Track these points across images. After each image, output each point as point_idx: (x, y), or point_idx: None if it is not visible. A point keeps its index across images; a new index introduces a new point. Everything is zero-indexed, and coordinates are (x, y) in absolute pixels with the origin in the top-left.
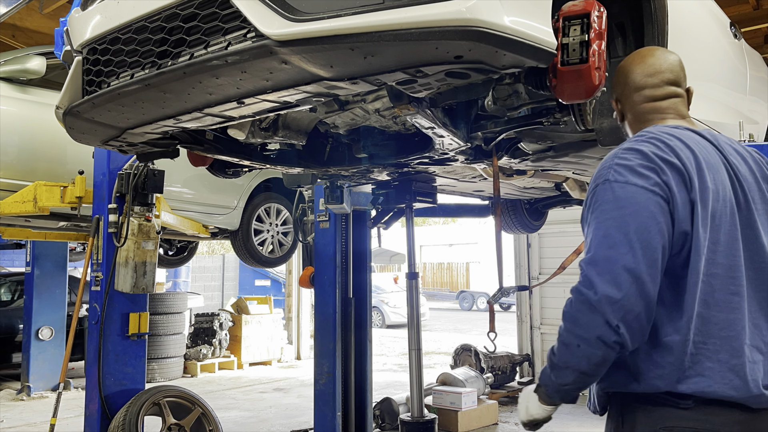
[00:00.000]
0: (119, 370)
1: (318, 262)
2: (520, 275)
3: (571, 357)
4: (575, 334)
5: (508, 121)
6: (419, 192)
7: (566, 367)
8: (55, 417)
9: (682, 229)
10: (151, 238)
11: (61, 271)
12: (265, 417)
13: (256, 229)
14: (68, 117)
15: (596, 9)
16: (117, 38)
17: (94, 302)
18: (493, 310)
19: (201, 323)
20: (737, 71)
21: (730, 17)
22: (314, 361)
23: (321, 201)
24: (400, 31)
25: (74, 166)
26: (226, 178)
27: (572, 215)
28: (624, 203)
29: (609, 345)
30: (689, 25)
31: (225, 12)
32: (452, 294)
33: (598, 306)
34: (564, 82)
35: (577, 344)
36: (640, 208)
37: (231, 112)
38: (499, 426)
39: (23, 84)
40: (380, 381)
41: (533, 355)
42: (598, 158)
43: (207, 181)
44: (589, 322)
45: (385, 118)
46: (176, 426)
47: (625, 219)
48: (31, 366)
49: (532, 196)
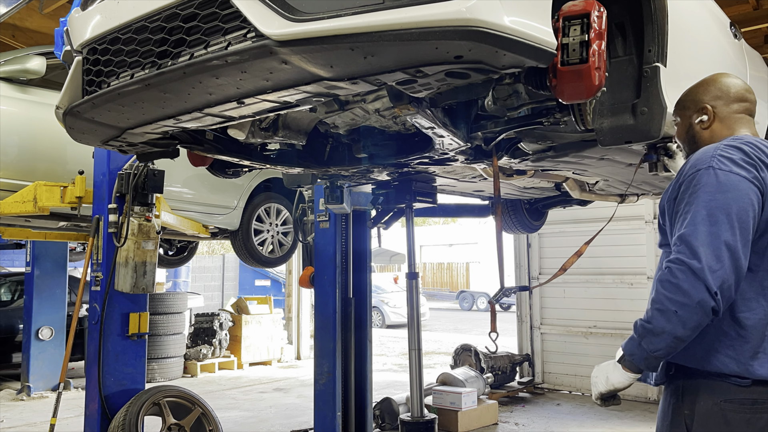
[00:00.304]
0: (119, 370)
1: (318, 262)
2: (520, 275)
3: (667, 323)
4: (675, 301)
5: (508, 121)
6: (419, 192)
7: (662, 332)
8: (55, 417)
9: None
10: (151, 238)
11: (61, 271)
12: (265, 417)
13: (256, 229)
14: (68, 117)
15: (596, 9)
16: (117, 38)
17: (94, 302)
18: (494, 310)
19: (201, 323)
20: (737, 71)
21: (730, 17)
22: (314, 361)
23: (321, 201)
24: (400, 31)
25: (74, 166)
26: (226, 178)
27: (572, 215)
28: (728, 188)
29: (706, 310)
30: (689, 25)
31: (225, 12)
32: (452, 294)
33: (700, 274)
34: (564, 82)
35: (675, 310)
36: (741, 194)
37: (231, 112)
38: (499, 426)
39: (23, 84)
40: (380, 381)
41: (533, 355)
42: (597, 158)
43: (207, 181)
44: (690, 288)
45: (385, 118)
46: (176, 426)
47: (728, 202)
48: (31, 366)
49: (532, 196)
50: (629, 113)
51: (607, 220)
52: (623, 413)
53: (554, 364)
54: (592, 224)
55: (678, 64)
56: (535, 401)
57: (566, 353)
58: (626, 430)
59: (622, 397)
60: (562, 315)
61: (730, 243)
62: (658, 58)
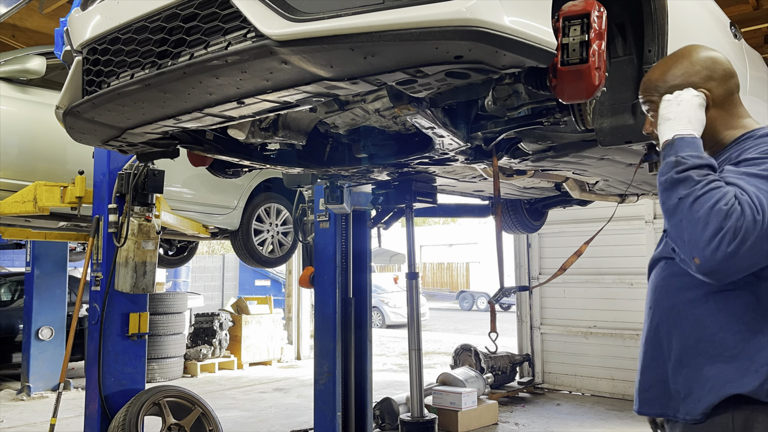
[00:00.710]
0: (119, 370)
1: (318, 262)
2: (520, 275)
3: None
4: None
5: (508, 121)
6: (419, 192)
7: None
8: (55, 417)
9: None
10: (151, 238)
11: (61, 271)
12: (265, 417)
13: (256, 229)
14: (68, 117)
15: (596, 9)
16: (117, 38)
17: (94, 302)
18: (494, 310)
19: (201, 323)
20: (737, 71)
21: (730, 17)
22: (314, 361)
23: (321, 201)
24: (400, 31)
25: (74, 166)
26: (226, 178)
27: (572, 215)
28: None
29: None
30: (689, 25)
31: (225, 12)
32: (452, 294)
33: (755, 227)
34: (564, 82)
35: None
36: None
37: (231, 112)
38: (499, 426)
39: (23, 84)
40: (380, 381)
41: (533, 355)
42: (597, 158)
43: (207, 181)
44: (737, 226)
45: (385, 118)
46: (176, 426)
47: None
48: (31, 366)
49: (532, 196)
50: (629, 113)
51: (607, 220)
52: (623, 413)
53: (554, 364)
54: (592, 224)
55: None
56: (535, 401)
57: (566, 353)
58: (626, 430)
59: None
60: (562, 315)
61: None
62: (658, 58)
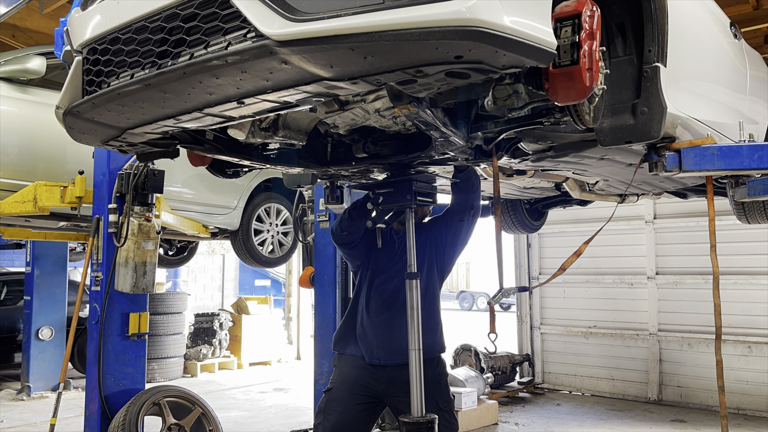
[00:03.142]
0: (119, 370)
1: (318, 262)
2: (520, 275)
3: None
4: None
5: (508, 121)
6: (419, 192)
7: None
8: (55, 417)
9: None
10: (151, 238)
11: (61, 271)
12: (265, 417)
13: (256, 229)
14: (68, 117)
15: (588, 9)
16: (117, 38)
17: (94, 302)
18: (493, 311)
19: (201, 323)
20: (737, 71)
21: (730, 17)
22: (314, 361)
23: (321, 201)
24: (400, 31)
25: (74, 166)
26: (226, 178)
27: (572, 215)
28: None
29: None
30: (689, 25)
31: (225, 12)
32: (452, 294)
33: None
34: (556, 84)
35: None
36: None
37: (231, 112)
38: (499, 426)
39: (23, 84)
40: None
41: (533, 355)
42: (597, 158)
43: (207, 181)
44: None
45: (385, 118)
46: (176, 426)
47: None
48: (31, 366)
49: (532, 196)
50: (629, 113)
51: (606, 220)
52: (623, 413)
53: (554, 364)
54: (592, 224)
55: (678, 64)
56: (535, 401)
57: (566, 353)
58: (626, 430)
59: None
60: (562, 315)
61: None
62: (658, 58)
